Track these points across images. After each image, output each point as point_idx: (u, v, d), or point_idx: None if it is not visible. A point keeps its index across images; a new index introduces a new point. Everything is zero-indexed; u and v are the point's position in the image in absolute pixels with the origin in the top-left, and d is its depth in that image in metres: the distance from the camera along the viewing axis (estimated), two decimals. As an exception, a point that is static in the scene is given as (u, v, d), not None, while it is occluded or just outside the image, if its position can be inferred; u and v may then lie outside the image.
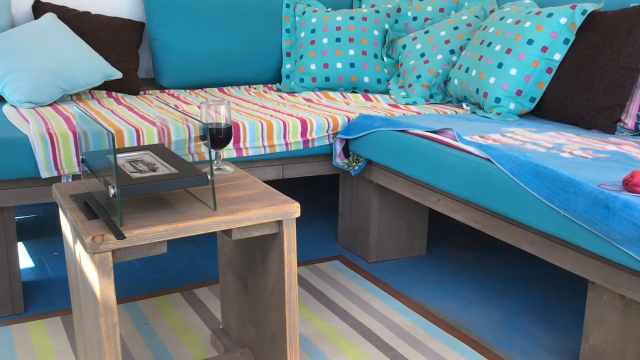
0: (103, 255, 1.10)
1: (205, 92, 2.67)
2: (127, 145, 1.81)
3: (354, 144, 2.12)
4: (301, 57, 2.73)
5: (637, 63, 1.97)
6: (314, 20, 2.75)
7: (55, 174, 1.73)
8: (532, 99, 2.20)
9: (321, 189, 3.07)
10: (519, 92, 2.19)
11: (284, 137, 2.04)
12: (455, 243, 2.43)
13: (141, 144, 1.82)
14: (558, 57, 2.16)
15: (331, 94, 2.62)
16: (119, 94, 2.44)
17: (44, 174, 1.72)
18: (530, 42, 2.18)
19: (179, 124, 1.87)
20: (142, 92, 2.55)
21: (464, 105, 2.41)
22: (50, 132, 1.74)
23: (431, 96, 2.52)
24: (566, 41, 2.16)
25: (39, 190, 1.77)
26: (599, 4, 2.18)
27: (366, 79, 2.66)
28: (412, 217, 2.26)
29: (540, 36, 2.17)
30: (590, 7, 2.16)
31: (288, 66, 2.85)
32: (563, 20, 2.16)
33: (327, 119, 2.12)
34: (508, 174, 1.54)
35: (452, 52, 2.55)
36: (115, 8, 2.75)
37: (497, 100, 2.21)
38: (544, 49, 2.16)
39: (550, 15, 2.18)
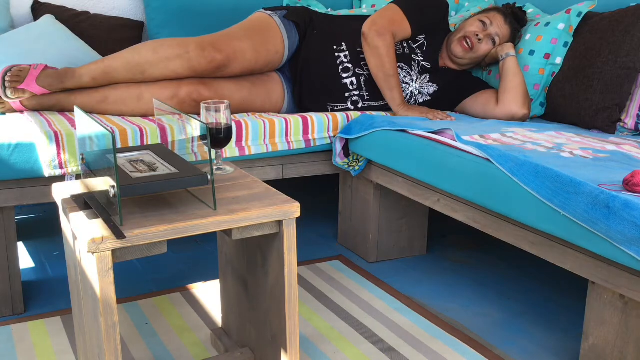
0: (103, 255, 1.10)
1: (205, 92, 2.66)
2: (131, 144, 1.81)
3: (354, 144, 2.12)
4: (301, 57, 2.72)
5: (634, 63, 1.97)
6: (314, 20, 2.74)
7: (59, 172, 1.72)
8: (541, 104, 2.23)
9: (321, 189, 3.07)
10: (530, 100, 2.21)
11: (286, 136, 2.04)
12: (455, 243, 2.43)
13: (145, 143, 1.82)
14: (559, 60, 2.19)
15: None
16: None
17: (48, 172, 1.71)
18: (532, 52, 2.21)
19: (179, 122, 1.86)
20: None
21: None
22: (54, 129, 1.74)
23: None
24: (565, 44, 2.18)
25: (39, 190, 1.76)
26: (592, 2, 2.19)
27: (366, 79, 2.66)
28: (412, 217, 2.26)
29: (540, 45, 2.20)
30: (584, 8, 2.17)
31: (288, 66, 2.85)
32: (561, 26, 2.18)
33: (327, 116, 2.12)
34: (508, 174, 1.53)
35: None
36: (114, 8, 2.75)
37: None
38: (547, 56, 2.19)
39: (547, 24, 2.21)
